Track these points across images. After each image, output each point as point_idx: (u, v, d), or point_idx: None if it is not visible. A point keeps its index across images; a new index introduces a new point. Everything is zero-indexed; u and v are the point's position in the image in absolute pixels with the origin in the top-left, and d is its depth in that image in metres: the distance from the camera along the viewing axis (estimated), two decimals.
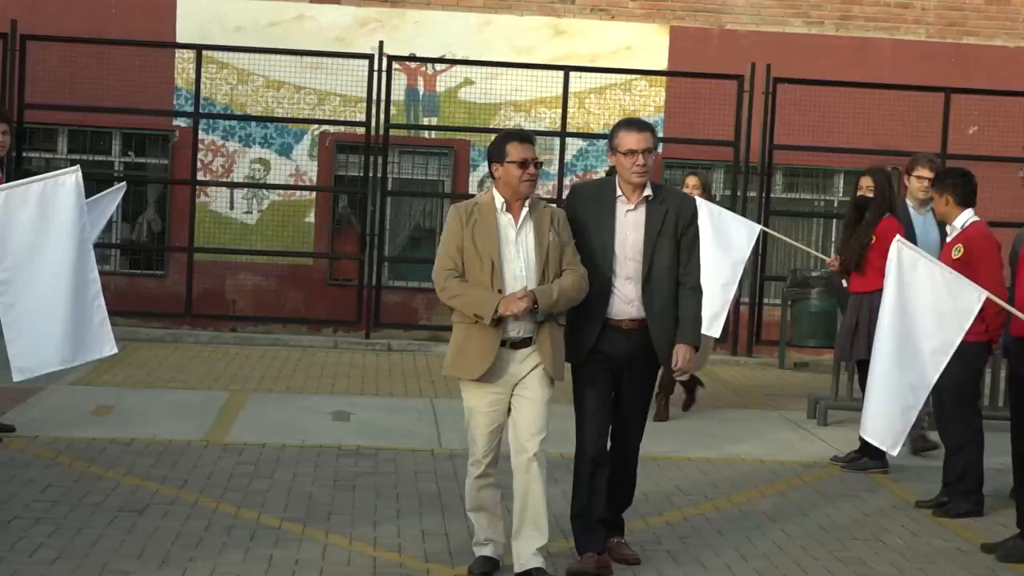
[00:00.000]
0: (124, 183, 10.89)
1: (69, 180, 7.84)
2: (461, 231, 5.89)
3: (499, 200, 5.96)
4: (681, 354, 6.16)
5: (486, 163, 7.30)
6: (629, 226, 6.19)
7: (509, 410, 6.02)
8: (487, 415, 5.96)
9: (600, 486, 6.31)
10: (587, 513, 6.32)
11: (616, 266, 6.16)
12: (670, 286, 6.19)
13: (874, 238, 9.69)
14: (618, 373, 6.24)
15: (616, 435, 6.42)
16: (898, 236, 8.27)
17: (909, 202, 9.95)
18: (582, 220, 6.21)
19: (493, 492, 6.13)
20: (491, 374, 5.86)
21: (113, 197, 10.34)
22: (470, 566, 6.20)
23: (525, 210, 5.98)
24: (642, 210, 6.18)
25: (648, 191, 6.18)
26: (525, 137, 6.14)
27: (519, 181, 5.91)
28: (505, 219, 5.95)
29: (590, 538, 6.27)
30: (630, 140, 6.12)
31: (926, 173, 9.45)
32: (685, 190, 8.81)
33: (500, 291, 5.84)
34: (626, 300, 6.16)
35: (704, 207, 8.80)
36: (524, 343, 5.90)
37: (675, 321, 6.21)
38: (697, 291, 6.30)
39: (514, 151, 5.94)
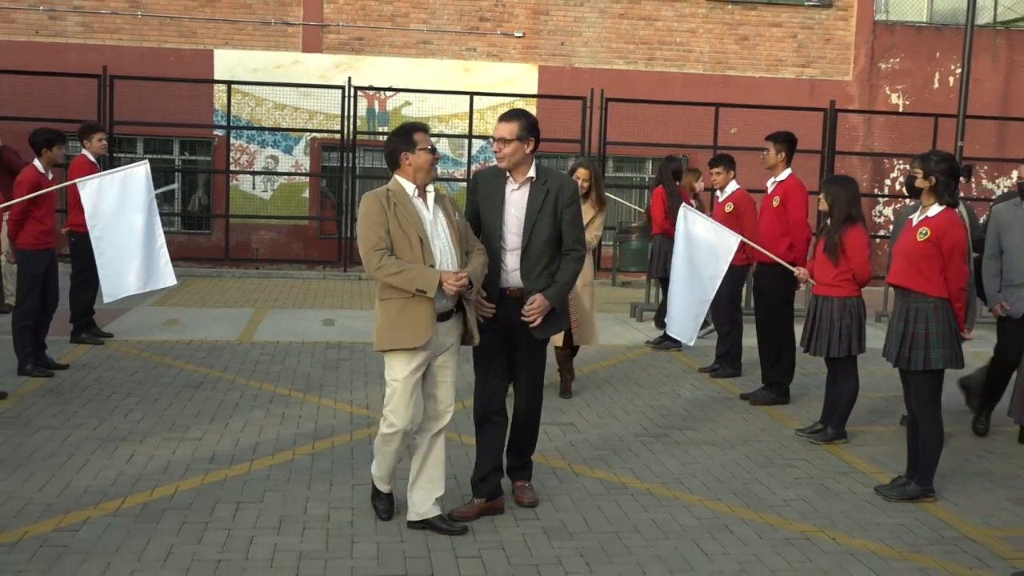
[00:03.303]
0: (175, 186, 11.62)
1: (140, 170, 8.08)
2: (384, 214, 5.27)
3: (409, 187, 5.39)
4: (537, 303, 5.57)
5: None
6: (513, 204, 5.66)
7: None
8: (412, 385, 5.35)
9: (492, 439, 5.84)
10: (479, 463, 5.87)
11: (502, 240, 5.64)
12: (548, 257, 5.66)
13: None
14: (511, 336, 5.71)
15: (517, 391, 5.90)
16: (684, 204, 9.00)
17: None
18: (481, 200, 5.74)
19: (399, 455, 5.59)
20: (425, 343, 5.29)
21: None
22: (376, 502, 5.74)
23: (431, 195, 5.44)
24: (525, 190, 5.65)
25: (532, 173, 5.64)
26: (426, 127, 5.56)
27: (430, 165, 5.39)
28: (419, 203, 5.39)
29: (480, 486, 5.83)
30: (495, 131, 5.64)
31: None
32: (576, 178, 8.08)
33: (432, 266, 5.29)
34: (509, 270, 5.65)
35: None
36: (447, 315, 5.40)
37: (549, 286, 5.65)
38: (577, 261, 5.73)
39: (422, 140, 5.41)
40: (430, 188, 5.50)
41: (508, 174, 5.71)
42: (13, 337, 8.98)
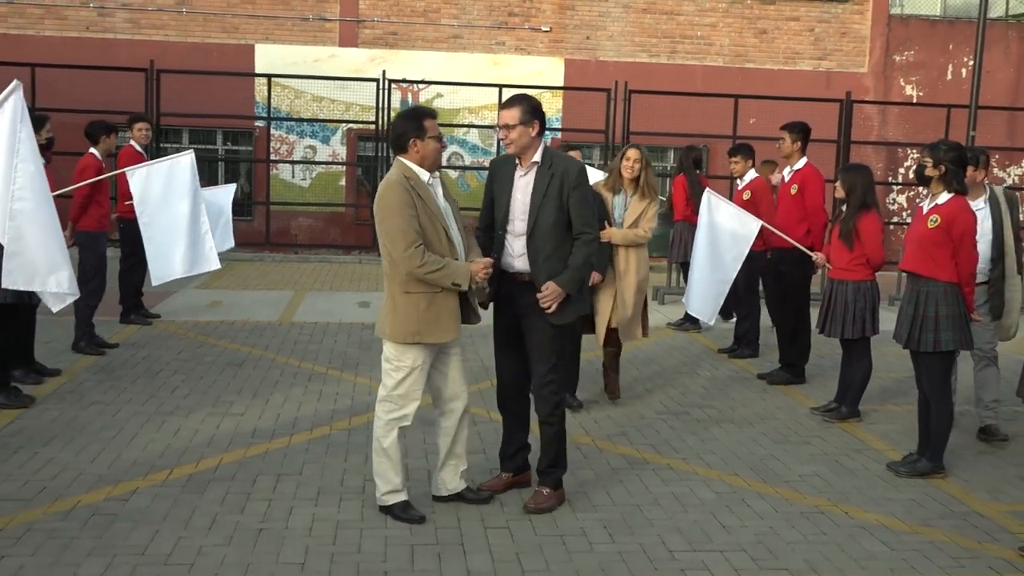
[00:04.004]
0: (235, 185, 11.15)
1: (185, 159, 8.16)
2: (414, 206, 5.00)
3: (424, 175, 5.13)
4: (550, 290, 5.30)
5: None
6: (520, 188, 5.43)
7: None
8: (425, 372, 5.23)
9: (514, 420, 5.76)
10: (505, 442, 5.82)
11: (510, 225, 5.44)
12: (555, 242, 5.36)
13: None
14: (520, 321, 5.51)
15: (532, 377, 5.60)
16: (708, 188, 8.92)
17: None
18: (495, 186, 5.54)
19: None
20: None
21: (227, 194, 10.40)
22: (404, 515, 5.33)
23: (438, 183, 5.24)
24: (531, 175, 5.40)
25: (537, 157, 5.39)
26: (435, 114, 5.32)
27: (436, 154, 5.18)
28: (433, 192, 5.16)
29: (507, 462, 5.80)
30: (499, 118, 5.48)
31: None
32: (626, 163, 7.43)
33: (456, 258, 5.13)
34: (515, 255, 5.42)
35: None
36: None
37: (562, 272, 5.36)
38: (588, 244, 5.40)
39: (432, 127, 5.16)
40: (436, 175, 5.29)
41: (517, 160, 5.52)
42: (76, 316, 9.02)
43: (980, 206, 6.93)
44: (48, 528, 5.07)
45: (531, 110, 5.41)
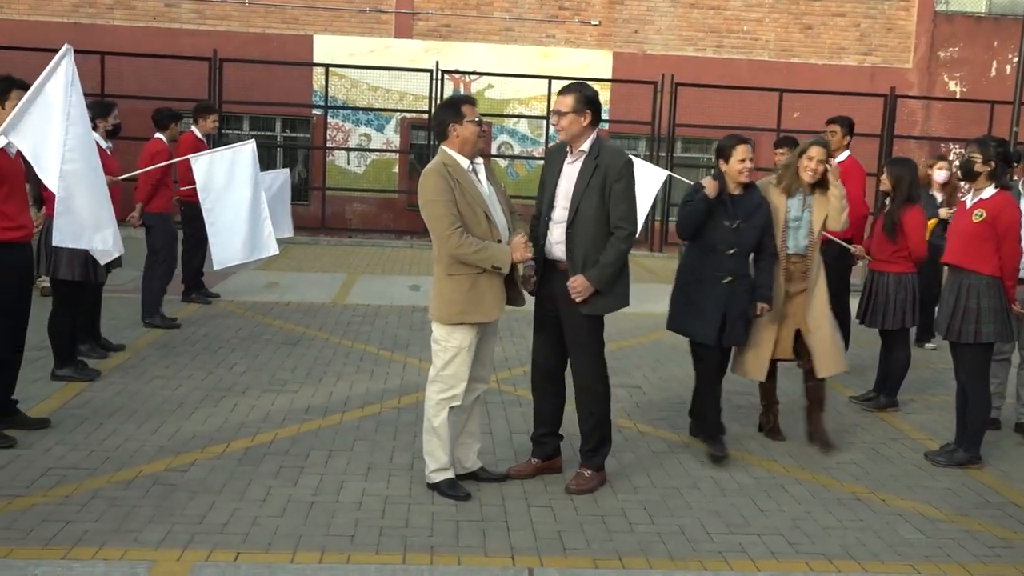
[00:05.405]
0: (286, 170, 10.93)
1: (247, 148, 8.23)
2: (452, 191, 4.96)
3: (464, 161, 5.07)
4: (577, 283, 5.19)
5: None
6: (566, 176, 5.32)
7: None
8: (472, 352, 5.20)
9: (545, 404, 5.66)
10: (535, 425, 5.73)
11: (552, 212, 5.33)
12: (595, 233, 5.21)
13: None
14: (558, 307, 5.38)
15: (571, 364, 5.54)
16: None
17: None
18: (546, 173, 5.45)
19: None
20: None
21: (282, 182, 10.37)
22: (451, 491, 5.32)
23: (482, 168, 5.19)
24: (578, 163, 5.27)
25: (585, 147, 5.25)
26: (473, 100, 5.27)
27: (476, 137, 5.11)
28: (473, 178, 5.11)
29: (536, 447, 5.71)
30: (554, 104, 5.37)
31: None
32: (807, 163, 6.21)
33: (499, 241, 5.08)
34: (555, 242, 5.32)
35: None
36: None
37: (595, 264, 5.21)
38: (623, 242, 5.22)
39: (469, 112, 5.11)
40: (479, 161, 5.22)
41: (568, 148, 5.40)
42: (146, 293, 9.19)
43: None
44: (111, 496, 5.14)
45: (584, 99, 5.28)
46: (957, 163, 7.02)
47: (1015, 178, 7.13)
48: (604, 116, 17.64)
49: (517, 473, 5.67)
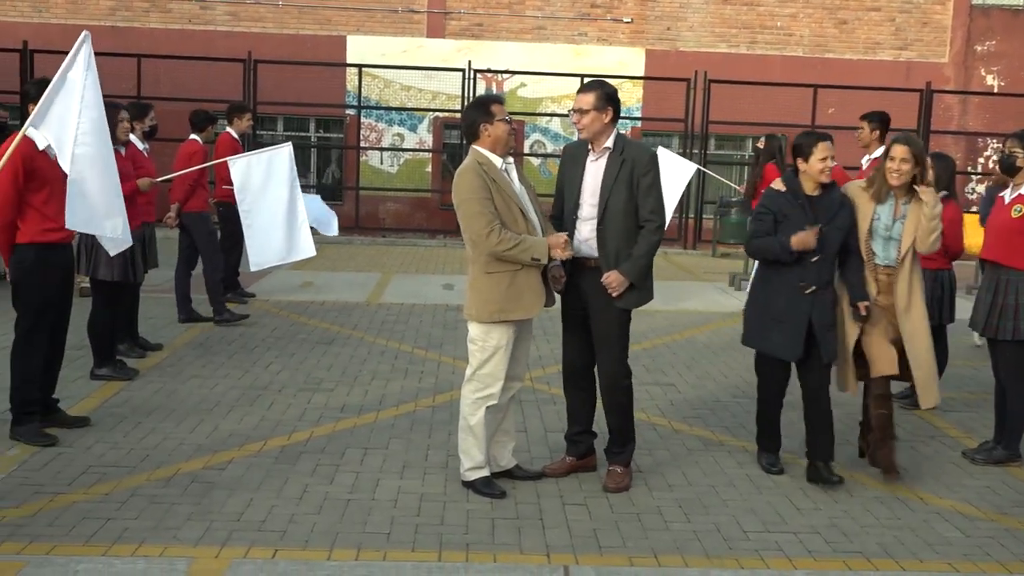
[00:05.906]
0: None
1: (284, 150, 8.17)
2: (488, 190, 4.97)
3: (497, 160, 5.10)
4: (611, 279, 5.19)
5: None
6: (591, 173, 5.28)
7: None
8: (509, 351, 5.20)
9: (578, 403, 5.67)
10: (569, 424, 5.74)
11: (579, 210, 5.31)
12: (625, 228, 5.21)
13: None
14: (586, 305, 5.39)
15: (598, 362, 5.51)
16: None
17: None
18: (566, 171, 5.44)
19: None
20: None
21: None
22: (486, 489, 5.33)
23: (512, 167, 5.19)
24: (603, 160, 5.25)
25: (609, 143, 5.24)
26: (502, 99, 5.33)
27: (507, 136, 5.14)
28: (506, 176, 5.13)
29: (570, 446, 5.71)
30: (574, 102, 5.33)
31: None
32: (890, 164, 5.64)
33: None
34: (582, 239, 5.28)
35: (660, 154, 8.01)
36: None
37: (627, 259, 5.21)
38: (653, 234, 5.22)
39: (499, 111, 5.14)
40: (510, 160, 5.24)
41: (589, 145, 5.36)
42: (208, 290, 9.43)
43: None
44: (150, 493, 5.18)
45: (605, 96, 5.27)
46: (995, 158, 6.91)
47: None
48: (637, 113, 17.96)
49: (552, 471, 5.66)
